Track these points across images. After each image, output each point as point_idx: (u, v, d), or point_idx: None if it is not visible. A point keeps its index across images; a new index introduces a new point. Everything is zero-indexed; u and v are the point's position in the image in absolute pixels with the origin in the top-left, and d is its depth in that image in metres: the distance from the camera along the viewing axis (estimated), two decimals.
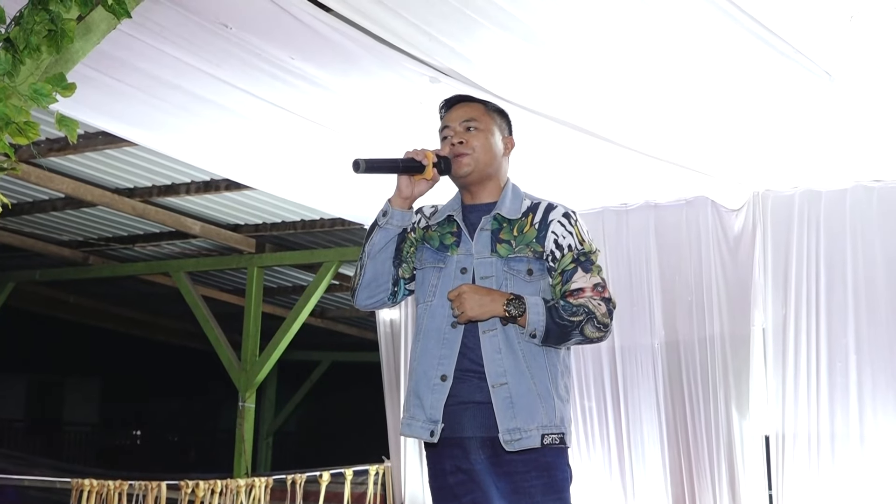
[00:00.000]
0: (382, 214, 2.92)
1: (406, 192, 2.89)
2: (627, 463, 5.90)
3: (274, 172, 5.99)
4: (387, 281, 2.96)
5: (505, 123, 3.00)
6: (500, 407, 2.73)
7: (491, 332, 2.77)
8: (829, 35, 3.60)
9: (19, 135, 2.52)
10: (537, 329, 2.72)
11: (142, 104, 4.66)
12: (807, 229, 5.50)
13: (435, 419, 2.80)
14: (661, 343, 5.84)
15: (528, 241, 2.83)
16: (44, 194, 7.85)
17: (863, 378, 5.27)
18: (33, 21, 2.49)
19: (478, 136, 2.89)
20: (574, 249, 2.83)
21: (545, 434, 2.74)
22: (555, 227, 2.84)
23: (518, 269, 2.81)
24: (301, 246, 8.88)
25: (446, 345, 2.81)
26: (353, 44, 3.87)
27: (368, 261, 2.94)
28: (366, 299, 3.00)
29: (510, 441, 2.72)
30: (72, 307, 12.49)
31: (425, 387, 2.82)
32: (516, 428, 2.72)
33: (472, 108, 2.96)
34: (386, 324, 7.43)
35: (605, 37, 3.76)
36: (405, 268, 2.99)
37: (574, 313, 2.74)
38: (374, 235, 2.93)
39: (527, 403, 2.73)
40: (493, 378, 2.74)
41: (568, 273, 2.81)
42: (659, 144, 4.92)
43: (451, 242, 2.90)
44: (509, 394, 2.73)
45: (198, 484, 6.16)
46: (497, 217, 2.88)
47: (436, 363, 2.81)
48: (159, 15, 3.62)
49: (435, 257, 2.91)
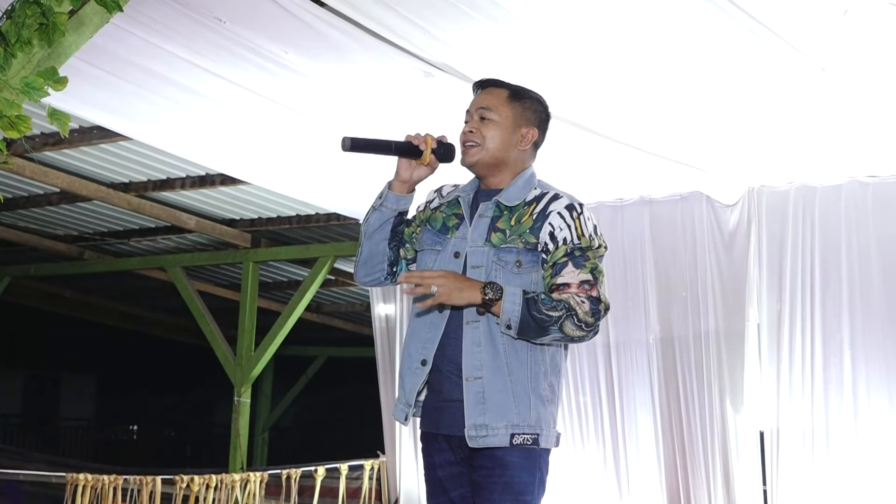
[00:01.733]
0: (378, 196, 2.90)
1: (404, 176, 2.86)
2: (622, 458, 5.91)
3: (269, 167, 5.99)
4: (382, 261, 2.94)
5: (531, 113, 2.88)
6: (471, 401, 2.69)
7: (473, 324, 2.72)
8: (823, 30, 3.60)
9: (11, 129, 2.51)
10: (511, 319, 2.64)
11: (135, 98, 4.65)
12: (801, 224, 5.51)
13: (409, 402, 2.82)
14: (655, 338, 5.84)
15: (521, 232, 2.76)
16: (38, 189, 7.84)
17: (857, 373, 5.28)
18: (25, 14, 2.48)
19: (489, 127, 2.82)
20: (569, 243, 2.75)
21: (515, 433, 2.68)
22: (553, 219, 2.77)
23: (507, 260, 2.74)
24: (296, 241, 8.87)
25: (432, 328, 2.79)
26: (346, 38, 3.86)
27: (365, 240, 2.94)
28: (364, 276, 3.00)
29: (475, 437, 2.68)
30: (67, 302, 12.47)
31: (407, 369, 2.83)
32: (483, 424, 2.67)
33: (494, 95, 2.86)
34: (381, 319, 7.43)
35: (600, 33, 3.76)
36: (408, 248, 2.97)
37: (553, 308, 2.65)
38: (371, 216, 2.91)
39: (499, 401, 2.68)
40: (467, 371, 2.70)
41: (558, 266, 2.74)
42: (654, 140, 4.92)
43: (453, 225, 2.86)
44: (482, 389, 2.69)
45: (192, 479, 6.16)
46: (498, 204, 2.82)
47: (420, 346, 2.80)
48: (153, 9, 3.61)
49: (433, 239, 2.88)
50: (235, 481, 6.42)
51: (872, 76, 4.02)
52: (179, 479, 6.14)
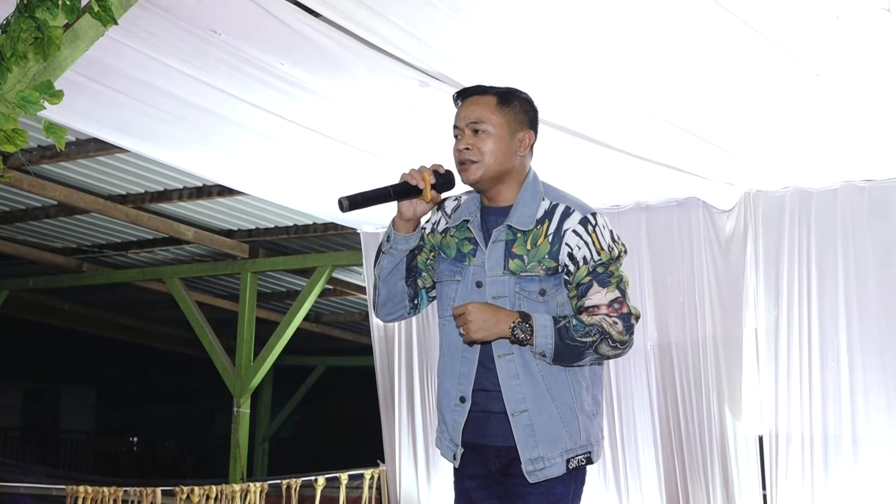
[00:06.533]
0: (387, 240, 2.81)
1: (407, 215, 2.77)
2: (621, 464, 5.90)
3: (266, 177, 6.00)
4: (402, 300, 2.89)
5: (523, 115, 2.77)
6: (522, 436, 2.64)
7: (507, 357, 2.66)
8: (816, 35, 3.62)
9: (7, 142, 2.52)
10: (546, 351, 2.60)
11: (132, 111, 4.66)
12: (798, 229, 5.51)
13: (457, 442, 2.77)
14: (653, 344, 5.84)
15: (540, 258, 2.68)
16: (36, 202, 7.86)
17: (855, 377, 5.28)
18: (20, 29, 2.50)
19: (485, 141, 2.71)
20: (589, 262, 2.67)
21: (570, 458, 2.66)
22: (569, 238, 2.68)
23: (530, 290, 2.67)
24: (294, 251, 8.89)
25: (465, 363, 2.73)
26: (342, 49, 3.88)
27: (381, 283, 2.86)
28: (385, 315, 2.94)
29: (533, 472, 2.64)
30: (66, 314, 12.48)
31: (447, 406, 2.78)
32: (539, 458, 2.64)
33: (482, 105, 2.74)
34: (380, 328, 7.42)
35: (595, 39, 3.77)
36: (425, 277, 2.90)
37: (586, 333, 2.59)
38: (382, 260, 2.83)
39: (549, 430, 2.65)
40: (511, 406, 2.65)
41: (583, 287, 2.67)
42: (650, 146, 4.93)
43: (469, 251, 2.77)
44: (530, 422, 2.64)
45: (193, 490, 6.16)
46: (510, 227, 2.72)
47: (455, 382, 2.75)
48: (148, 22, 3.62)
49: (452, 269, 2.80)
50: (236, 492, 6.42)
51: (866, 80, 4.03)
52: (180, 490, 6.14)
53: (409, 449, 6.90)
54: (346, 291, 10.46)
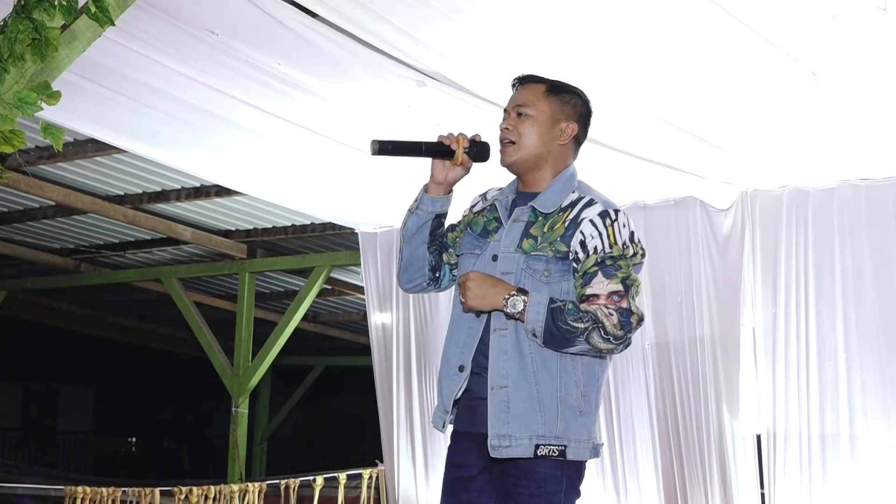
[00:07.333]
0: (414, 199, 2.87)
1: (439, 178, 2.82)
2: (619, 463, 5.91)
3: (264, 178, 6.00)
4: (423, 266, 2.91)
5: (570, 107, 2.82)
6: (495, 411, 2.64)
7: (501, 332, 2.68)
8: (812, 35, 3.62)
9: (5, 143, 2.53)
10: (535, 328, 2.60)
11: (129, 111, 4.66)
12: (795, 228, 5.52)
13: (447, 409, 2.79)
14: (651, 344, 5.85)
15: (552, 240, 2.69)
16: (34, 202, 7.86)
17: (852, 375, 5.28)
18: (17, 30, 2.49)
19: (525, 123, 2.76)
20: (599, 252, 2.66)
21: (540, 444, 2.62)
22: (584, 227, 2.69)
23: (536, 269, 2.69)
24: (292, 251, 8.89)
25: (470, 333, 2.75)
26: (339, 49, 3.88)
27: (404, 245, 2.91)
28: (406, 282, 2.97)
29: (497, 447, 2.63)
30: (64, 315, 12.48)
31: (445, 374, 2.79)
32: (506, 434, 2.62)
33: (531, 91, 2.81)
34: (378, 328, 7.43)
35: (592, 40, 3.77)
36: (451, 253, 2.94)
37: (579, 319, 2.58)
38: (408, 220, 2.88)
39: (524, 410, 2.63)
40: (493, 380, 2.66)
41: (588, 276, 2.65)
42: (647, 146, 4.93)
43: (493, 228, 2.83)
44: (507, 398, 2.63)
45: (191, 490, 6.16)
46: (534, 209, 2.76)
47: (458, 352, 2.77)
48: (146, 22, 3.63)
49: (473, 243, 2.84)
50: (234, 492, 6.42)
51: (863, 79, 4.04)
52: (178, 490, 6.14)
53: (407, 449, 6.90)
54: (345, 291, 10.46)
